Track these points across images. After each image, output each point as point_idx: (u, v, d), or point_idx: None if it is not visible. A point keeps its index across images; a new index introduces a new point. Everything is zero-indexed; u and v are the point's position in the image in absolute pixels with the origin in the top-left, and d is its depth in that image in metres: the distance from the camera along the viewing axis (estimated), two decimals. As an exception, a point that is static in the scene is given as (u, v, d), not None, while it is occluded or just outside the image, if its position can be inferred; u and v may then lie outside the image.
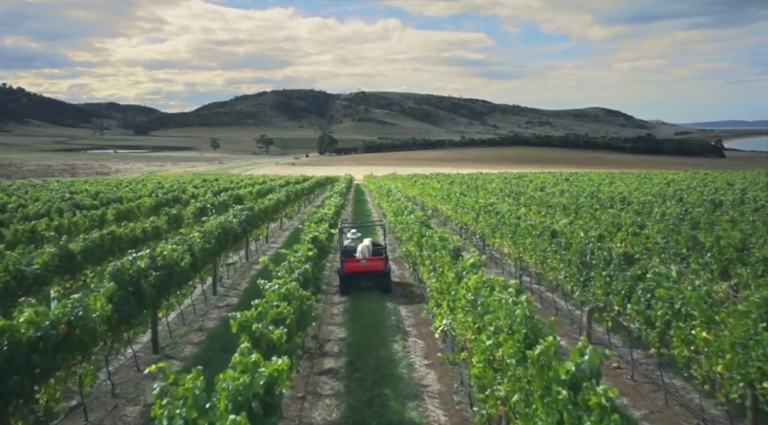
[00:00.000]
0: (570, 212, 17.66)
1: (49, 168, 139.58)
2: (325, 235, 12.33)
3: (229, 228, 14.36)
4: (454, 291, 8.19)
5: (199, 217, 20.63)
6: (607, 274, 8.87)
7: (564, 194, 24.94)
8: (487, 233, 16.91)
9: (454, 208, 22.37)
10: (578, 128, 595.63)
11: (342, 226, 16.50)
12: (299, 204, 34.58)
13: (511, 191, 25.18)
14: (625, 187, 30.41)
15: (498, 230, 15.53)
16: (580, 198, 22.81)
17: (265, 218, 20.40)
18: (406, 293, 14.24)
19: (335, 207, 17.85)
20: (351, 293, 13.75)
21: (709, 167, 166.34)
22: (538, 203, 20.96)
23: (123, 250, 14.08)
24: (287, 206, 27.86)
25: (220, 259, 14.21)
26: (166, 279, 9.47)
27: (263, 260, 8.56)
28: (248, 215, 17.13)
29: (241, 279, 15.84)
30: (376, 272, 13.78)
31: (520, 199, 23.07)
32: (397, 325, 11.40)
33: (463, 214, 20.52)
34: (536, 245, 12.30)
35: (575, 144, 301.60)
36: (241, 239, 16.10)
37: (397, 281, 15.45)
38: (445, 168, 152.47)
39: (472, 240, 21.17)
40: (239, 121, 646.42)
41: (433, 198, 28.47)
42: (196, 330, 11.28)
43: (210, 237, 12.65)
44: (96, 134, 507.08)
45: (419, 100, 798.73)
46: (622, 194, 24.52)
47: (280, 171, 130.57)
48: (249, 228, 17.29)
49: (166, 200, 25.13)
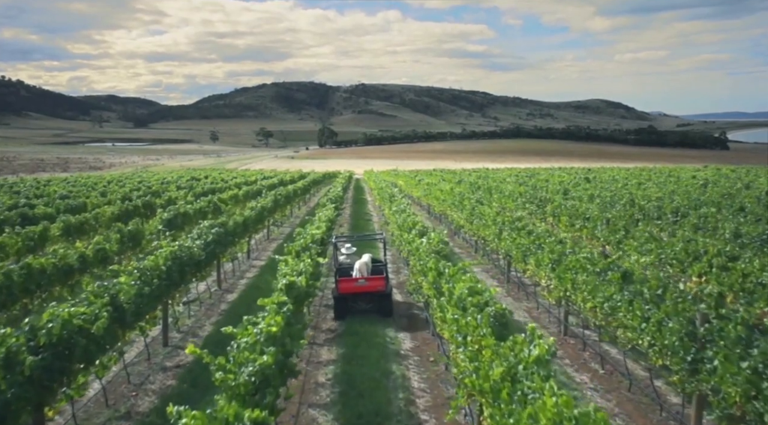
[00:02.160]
0: (616, 229, 14.25)
1: (42, 162, 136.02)
2: (306, 275, 9.01)
3: (186, 257, 11.00)
4: (505, 402, 4.88)
5: (166, 230, 17.30)
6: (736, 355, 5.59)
7: (594, 199, 21.55)
8: (514, 255, 13.57)
9: (469, 217, 19.02)
10: (579, 120, 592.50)
11: (336, 240, 14.01)
12: (292, 207, 31.22)
13: (533, 197, 21.76)
14: (659, 189, 27.00)
15: (532, 256, 12.21)
16: (617, 205, 19.45)
17: (244, 232, 17.05)
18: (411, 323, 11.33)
19: (327, 223, 14.49)
20: (347, 317, 12.16)
21: (715, 159, 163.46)
22: (569, 213, 17.54)
23: (47, 287, 10.75)
24: (276, 212, 24.50)
25: (175, 297, 10.87)
26: (56, 362, 6.15)
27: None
28: (219, 234, 13.79)
29: (207, 318, 12.47)
30: (376, 293, 12.16)
31: (545, 207, 19.66)
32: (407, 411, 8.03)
33: (482, 227, 17.18)
34: (596, 288, 8.97)
35: (577, 136, 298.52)
36: (207, 266, 12.76)
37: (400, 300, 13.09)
38: (447, 161, 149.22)
39: (489, 256, 17.84)
40: (239, 113, 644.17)
41: (441, 203, 25.10)
42: (121, 416, 7.93)
43: (153, 276, 9.31)
44: (95, 127, 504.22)
45: (420, 92, 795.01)
46: (662, 199, 21.17)
47: (278, 165, 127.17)
48: (220, 250, 13.96)
49: (134, 208, 21.73)
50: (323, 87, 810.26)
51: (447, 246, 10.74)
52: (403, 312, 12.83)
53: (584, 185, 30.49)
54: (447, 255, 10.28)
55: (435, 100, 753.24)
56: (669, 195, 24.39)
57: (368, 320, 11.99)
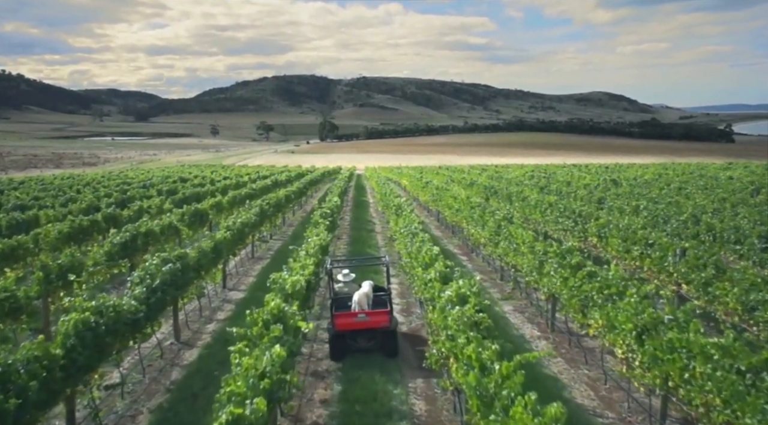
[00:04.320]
0: (699, 264, 10.71)
1: (35, 159, 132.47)
2: (285, 353, 5.60)
3: (98, 330, 7.53)
4: None
5: (117, 258, 13.80)
6: None
7: (639, 211, 17.99)
8: (566, 302, 10.10)
9: (493, 237, 15.52)
10: (582, 113, 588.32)
11: (332, 265, 11.26)
12: (285, 214, 27.74)
13: (566, 209, 18.17)
14: (705, 196, 23.42)
15: (597, 309, 8.76)
16: (671, 220, 15.94)
17: (216, 259, 13.59)
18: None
19: (315, 259, 11.02)
20: (345, 358, 10.28)
21: (722, 153, 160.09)
22: (622, 235, 13.97)
23: None
24: (264, 224, 21.06)
25: (90, 382, 7.44)
26: None
27: None
28: (173, 273, 10.34)
29: (147, 399, 8.99)
30: (379, 329, 10.22)
31: (585, 223, 16.08)
32: None
33: (512, 252, 13.72)
34: (738, 396, 5.54)
35: (581, 129, 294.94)
36: (150, 323, 9.31)
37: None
38: (451, 156, 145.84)
39: (521, 288, 14.39)
40: (240, 107, 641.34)
41: (454, 213, 21.63)
42: None
43: (35, 369, 5.88)
44: (95, 121, 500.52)
45: (421, 85, 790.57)
46: (720, 211, 17.69)
47: (277, 161, 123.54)
48: (176, 293, 10.51)
49: (90, 224, 18.21)
50: (324, 80, 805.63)
51: (487, 312, 7.25)
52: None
53: (615, 190, 26.90)
54: (490, 329, 6.85)
55: (437, 93, 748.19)
56: (721, 203, 20.93)
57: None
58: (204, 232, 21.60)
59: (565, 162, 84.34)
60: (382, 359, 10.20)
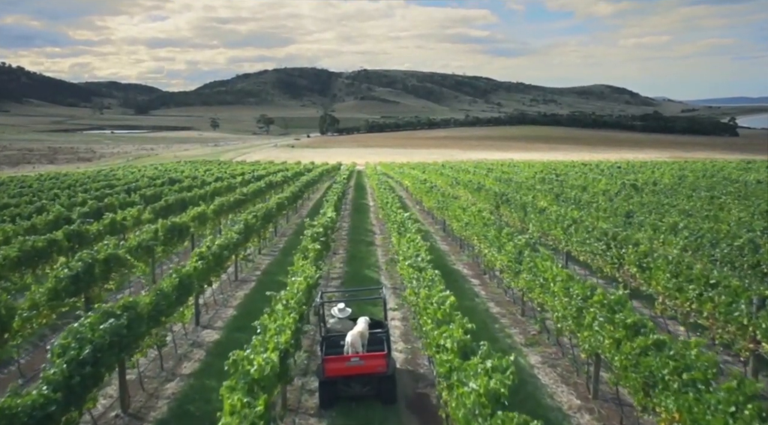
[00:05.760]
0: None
1: (29, 153, 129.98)
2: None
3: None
4: None
5: (66, 295, 11.45)
6: None
7: (678, 230, 15.63)
8: (619, 373, 7.80)
9: (514, 265, 13.19)
10: (583, 106, 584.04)
11: (322, 300, 10.03)
12: (276, 225, 25.41)
13: (596, 230, 15.76)
14: (745, 209, 21.01)
15: (666, 396, 6.48)
16: (723, 248, 13.58)
17: (183, 295, 11.25)
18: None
19: (299, 306, 8.71)
20: (335, 405, 9.05)
21: (726, 147, 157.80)
22: (673, 269, 11.56)
23: None
24: (250, 239, 18.75)
25: None
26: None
27: None
28: (115, 331, 8.02)
29: None
30: (375, 374, 8.88)
31: (622, 250, 13.69)
32: None
33: (539, 289, 11.38)
34: None
35: (583, 123, 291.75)
36: (62, 417, 7.00)
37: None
38: (452, 150, 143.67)
39: (552, 336, 12.08)
40: (240, 100, 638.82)
41: (463, 227, 19.30)
42: None
43: None
44: (95, 114, 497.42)
45: (422, 78, 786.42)
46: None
47: (276, 155, 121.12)
48: (115, 359, 8.20)
49: (49, 244, 15.82)
50: (325, 73, 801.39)
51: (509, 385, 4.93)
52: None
53: (638, 198, 24.47)
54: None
55: (438, 86, 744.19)
56: (765, 217, 18.59)
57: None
58: (186, 246, 19.30)
59: (572, 159, 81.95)
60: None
